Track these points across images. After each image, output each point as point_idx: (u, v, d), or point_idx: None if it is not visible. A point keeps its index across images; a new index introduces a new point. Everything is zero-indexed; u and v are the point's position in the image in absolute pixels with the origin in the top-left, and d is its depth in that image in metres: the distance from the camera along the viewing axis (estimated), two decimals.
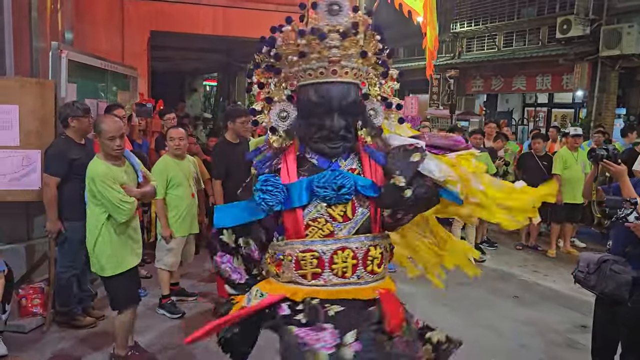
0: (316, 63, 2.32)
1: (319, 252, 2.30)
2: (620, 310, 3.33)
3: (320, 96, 2.32)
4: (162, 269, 4.66)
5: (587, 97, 12.61)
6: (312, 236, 2.33)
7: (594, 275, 3.35)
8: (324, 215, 2.33)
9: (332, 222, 2.33)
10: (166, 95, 9.84)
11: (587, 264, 3.41)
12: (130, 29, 8.90)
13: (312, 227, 2.33)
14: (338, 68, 2.32)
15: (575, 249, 7.50)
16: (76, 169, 4.17)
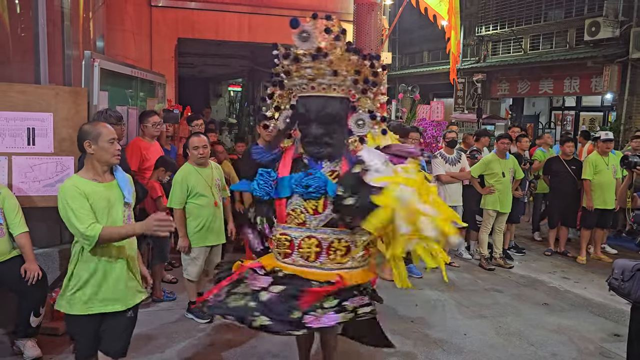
0: (298, 80, 2.93)
1: (291, 236, 2.91)
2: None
3: (303, 107, 2.91)
4: (187, 279, 4.68)
5: (617, 100, 12.36)
6: (290, 223, 2.92)
7: (629, 283, 3.30)
8: (300, 207, 2.89)
9: (305, 213, 2.88)
10: (192, 101, 9.93)
11: (622, 271, 3.36)
12: (158, 36, 9.05)
13: (291, 215, 2.91)
14: (315, 85, 2.90)
15: (605, 255, 7.35)
16: None
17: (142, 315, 4.65)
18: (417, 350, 4.22)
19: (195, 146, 4.55)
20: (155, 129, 5.32)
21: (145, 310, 4.86)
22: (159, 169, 4.98)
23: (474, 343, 4.43)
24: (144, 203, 4.92)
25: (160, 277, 5.25)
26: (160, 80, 6.83)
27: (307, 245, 2.88)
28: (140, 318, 4.57)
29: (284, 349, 4.15)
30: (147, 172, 5.08)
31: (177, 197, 4.47)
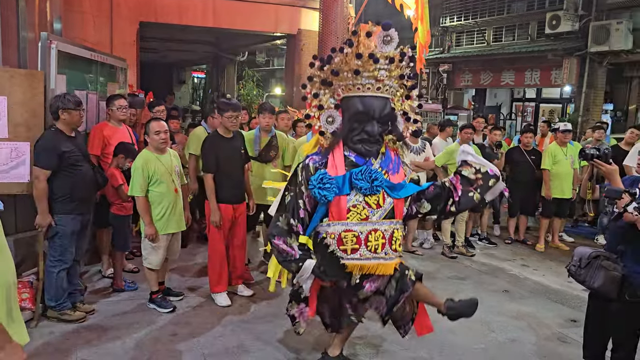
0: (365, 80, 2.97)
1: (357, 232, 3.02)
2: (611, 306, 3.36)
3: (365, 106, 3.02)
4: (148, 267, 4.59)
5: (575, 92, 12.69)
6: (352, 219, 3.02)
7: (585, 270, 3.37)
8: (362, 202, 3.04)
9: (368, 208, 3.04)
10: (155, 87, 9.74)
11: (580, 259, 3.42)
12: (119, 19, 8.80)
13: (352, 212, 3.03)
14: (381, 86, 3.05)
15: (563, 244, 7.57)
16: (66, 162, 4.12)
17: (102, 306, 4.59)
18: (382, 335, 4.26)
19: (156, 131, 4.44)
20: (122, 113, 5.19)
21: (106, 300, 4.77)
22: (119, 156, 4.86)
23: (436, 329, 4.46)
24: (104, 190, 4.81)
25: (122, 267, 5.14)
26: (121, 64, 6.63)
27: (374, 238, 3.05)
28: (101, 308, 4.53)
29: (254, 344, 4.13)
30: (110, 157, 4.96)
31: (138, 185, 4.36)
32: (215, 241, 4.77)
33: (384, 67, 3.01)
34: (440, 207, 3.30)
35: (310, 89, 3.19)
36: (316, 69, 3.15)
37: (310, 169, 3.11)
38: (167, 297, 4.75)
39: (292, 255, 3.09)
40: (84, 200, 4.31)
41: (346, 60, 3.02)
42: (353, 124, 3.07)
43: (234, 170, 4.79)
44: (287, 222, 3.10)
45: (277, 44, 15.39)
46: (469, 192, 3.25)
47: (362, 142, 3.08)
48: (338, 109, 3.13)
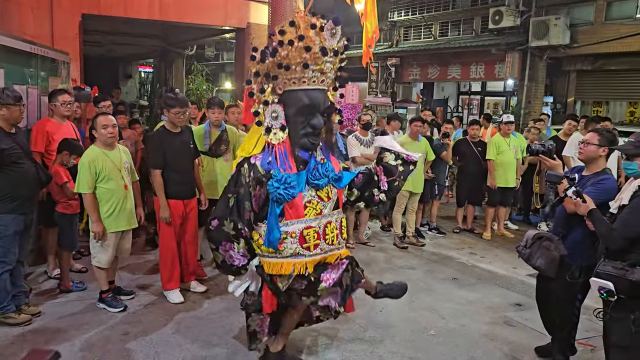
0: (312, 74, 2.97)
1: (316, 227, 3.03)
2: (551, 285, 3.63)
3: (311, 100, 2.98)
4: (97, 266, 4.47)
5: (518, 85, 13.16)
6: (309, 215, 3.02)
7: (529, 249, 3.62)
8: (315, 197, 3.06)
9: (321, 202, 3.07)
10: (100, 81, 9.44)
11: (526, 240, 3.68)
12: (60, 11, 8.48)
13: (308, 207, 3.03)
14: (325, 78, 3.03)
15: (508, 231, 7.86)
16: (7, 160, 3.96)
17: (49, 308, 4.46)
18: (337, 326, 4.32)
19: (104, 125, 4.32)
20: (65, 108, 5.03)
21: (52, 302, 4.63)
22: (63, 153, 4.70)
23: (389, 318, 4.60)
24: (49, 188, 4.65)
25: (69, 266, 4.99)
26: (63, 58, 6.42)
27: (330, 230, 3.09)
28: (47, 310, 4.40)
29: (209, 339, 4.10)
30: (54, 154, 4.80)
31: (85, 181, 4.23)
32: (166, 238, 4.70)
33: (329, 60, 3.00)
34: (368, 195, 3.41)
35: (256, 84, 3.08)
36: (257, 63, 3.03)
37: (258, 168, 3.01)
38: (117, 296, 4.64)
39: (239, 262, 3.06)
40: (27, 199, 4.15)
41: (293, 54, 2.93)
42: (299, 118, 3.02)
43: (183, 166, 4.73)
44: (233, 226, 3.00)
45: (226, 38, 15.23)
46: (394, 182, 3.40)
47: (308, 136, 3.05)
48: (279, 103, 3.04)
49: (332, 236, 3.11)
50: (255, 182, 3.00)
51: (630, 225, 2.93)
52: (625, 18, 11.02)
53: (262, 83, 3.04)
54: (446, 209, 9.13)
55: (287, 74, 2.97)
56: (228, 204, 3.04)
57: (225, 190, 3.10)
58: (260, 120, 3.09)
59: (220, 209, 3.06)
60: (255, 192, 3.01)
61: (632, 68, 11.22)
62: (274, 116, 3.04)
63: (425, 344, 4.16)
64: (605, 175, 3.53)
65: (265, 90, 3.03)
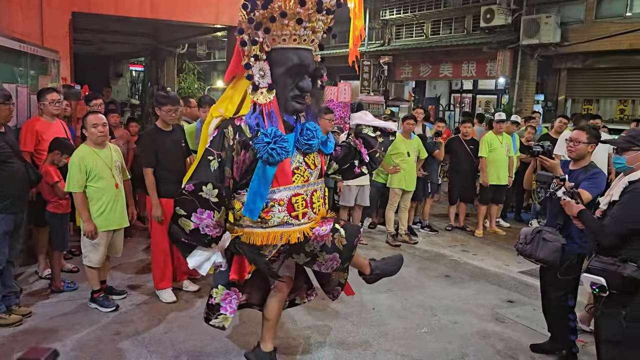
0: (303, 32, 2.75)
1: (304, 194, 2.86)
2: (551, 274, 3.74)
3: (301, 60, 2.78)
4: (88, 266, 4.44)
5: (509, 83, 13.20)
6: (297, 182, 2.85)
7: (530, 245, 3.69)
8: (303, 164, 2.88)
9: (308, 169, 2.90)
10: (90, 80, 9.39)
11: (525, 236, 3.75)
12: (49, 9, 8.41)
13: (296, 174, 2.85)
14: (315, 38, 2.83)
15: (500, 229, 7.89)
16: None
17: (40, 308, 4.43)
18: (330, 324, 4.32)
19: (94, 124, 4.29)
20: (54, 107, 4.98)
21: (44, 302, 4.59)
22: (54, 152, 4.67)
23: (382, 316, 4.61)
24: (39, 188, 4.62)
25: (60, 266, 4.95)
26: (53, 56, 6.37)
27: (315, 199, 2.96)
28: (38, 311, 4.36)
29: (202, 339, 4.09)
30: (44, 154, 4.76)
31: (75, 180, 4.20)
32: (158, 237, 4.68)
33: (322, 18, 2.81)
34: (347, 167, 3.30)
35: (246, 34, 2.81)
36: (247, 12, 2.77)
37: (244, 130, 2.79)
38: (109, 296, 4.62)
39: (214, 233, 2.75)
40: (17, 199, 4.12)
41: (287, 7, 2.70)
42: (287, 78, 2.82)
43: (175, 164, 4.70)
44: (217, 193, 2.69)
45: (217, 36, 15.17)
46: (375, 154, 3.29)
47: (295, 99, 2.85)
48: (266, 61, 2.80)
49: (319, 205, 2.98)
50: (241, 146, 2.77)
51: (621, 221, 2.95)
52: (615, 16, 11.08)
53: (253, 35, 2.80)
54: (438, 206, 9.15)
55: (279, 28, 2.75)
56: (209, 167, 2.75)
57: (206, 153, 2.80)
58: (250, 74, 2.81)
59: (200, 173, 2.75)
60: (239, 158, 2.78)
61: (622, 66, 11.29)
62: (261, 74, 2.80)
63: (418, 341, 4.17)
64: (595, 169, 3.71)
65: (257, 42, 2.79)
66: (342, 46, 18.57)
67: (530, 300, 5.03)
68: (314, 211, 2.93)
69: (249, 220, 2.83)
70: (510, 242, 4.45)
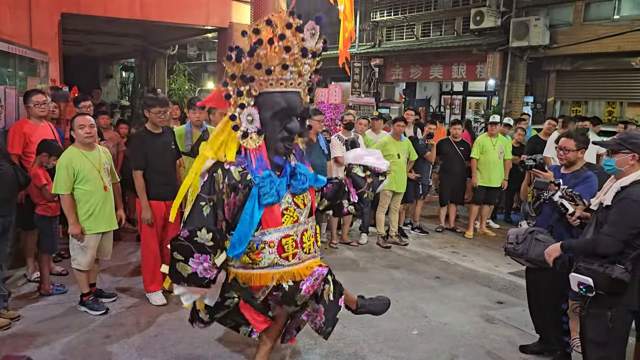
0: (289, 75, 2.83)
1: (294, 235, 2.90)
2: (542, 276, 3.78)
3: (288, 103, 2.85)
4: (77, 269, 4.41)
5: (499, 85, 13.29)
6: (287, 223, 2.88)
7: (522, 244, 3.72)
8: (292, 204, 2.91)
9: (297, 209, 2.94)
10: (80, 81, 9.30)
11: (516, 236, 3.78)
12: (38, 9, 8.36)
13: (285, 215, 2.89)
14: (302, 80, 2.91)
15: (490, 230, 7.94)
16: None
17: (29, 311, 4.39)
18: None
19: (81, 124, 4.27)
20: (40, 109, 4.95)
21: (32, 306, 4.56)
22: (42, 154, 4.64)
23: (373, 317, 4.57)
24: (28, 190, 4.58)
25: (49, 269, 4.91)
26: (42, 58, 6.33)
27: (306, 238, 2.97)
28: (27, 314, 4.33)
29: (193, 341, 4.08)
30: (32, 156, 4.73)
31: (63, 182, 4.18)
32: (148, 239, 4.66)
33: (308, 62, 2.88)
34: (336, 205, 3.35)
35: (232, 87, 2.89)
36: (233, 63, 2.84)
37: (233, 174, 2.83)
38: (98, 299, 4.59)
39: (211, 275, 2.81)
40: (5, 201, 4.09)
41: (272, 54, 2.77)
42: (275, 121, 2.87)
43: (165, 166, 4.69)
44: (212, 237, 2.76)
45: (208, 38, 15.14)
46: (363, 195, 3.35)
47: (284, 141, 2.91)
48: (254, 106, 2.87)
49: (309, 244, 3.00)
50: (230, 189, 2.82)
51: (621, 227, 2.93)
52: (603, 19, 11.20)
53: (238, 85, 2.87)
54: (429, 208, 9.18)
55: (265, 75, 2.80)
56: (202, 212, 2.80)
57: (198, 199, 2.84)
58: (237, 125, 2.88)
59: (194, 219, 2.80)
60: (229, 200, 2.83)
61: (610, 68, 11.41)
62: (249, 119, 2.87)
63: (409, 343, 4.18)
64: (587, 172, 3.78)
65: (243, 93, 2.87)
66: (332, 47, 18.64)
67: (520, 301, 5.06)
68: (304, 251, 2.96)
69: (240, 262, 2.90)
70: (500, 244, 4.48)
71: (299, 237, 2.93)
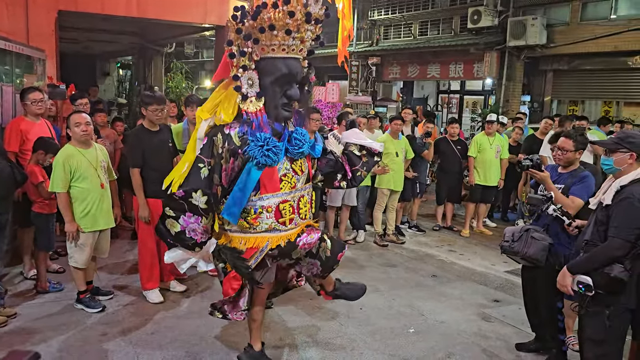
0: (292, 41, 2.80)
1: (291, 201, 2.91)
2: (538, 274, 3.80)
3: (289, 69, 2.83)
4: (74, 267, 4.40)
5: (496, 84, 13.31)
6: (284, 189, 2.89)
7: (518, 242, 3.74)
8: (290, 170, 2.92)
9: (295, 175, 2.94)
10: (77, 79, 9.30)
11: (512, 234, 3.81)
12: (35, 7, 8.34)
13: (283, 181, 2.89)
14: (303, 47, 2.88)
15: (486, 229, 7.95)
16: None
17: (25, 309, 4.39)
18: (317, 324, 4.33)
19: (77, 122, 4.25)
20: (37, 107, 4.94)
21: (29, 303, 4.55)
22: (38, 152, 4.63)
23: (370, 316, 4.63)
24: (25, 188, 4.58)
25: (45, 267, 4.91)
26: (39, 55, 6.32)
27: (302, 204, 3.01)
28: (23, 312, 4.33)
29: (190, 339, 4.08)
30: (29, 154, 4.72)
31: (59, 180, 4.17)
32: (145, 237, 4.66)
33: (311, 28, 2.85)
34: (329, 179, 3.37)
35: (236, 46, 2.84)
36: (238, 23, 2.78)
37: (233, 139, 2.83)
38: (95, 297, 4.59)
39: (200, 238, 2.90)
40: (1, 199, 4.08)
41: (276, 18, 2.72)
42: (275, 87, 2.85)
43: (162, 164, 4.67)
44: (206, 200, 2.81)
45: (206, 36, 15.11)
46: (357, 172, 3.37)
47: (284, 107, 2.91)
48: (255, 70, 2.84)
49: (305, 210, 3.04)
50: (230, 154, 2.82)
51: (626, 228, 2.91)
52: (600, 19, 11.21)
53: (242, 46, 2.83)
54: (425, 206, 9.20)
55: (268, 39, 2.78)
56: (199, 174, 2.82)
57: (197, 160, 2.86)
58: (238, 85, 2.85)
59: (191, 180, 2.83)
60: (227, 165, 2.83)
61: (607, 68, 11.43)
62: (249, 83, 2.84)
63: (405, 341, 4.19)
64: (584, 173, 3.79)
65: (246, 54, 2.83)
66: (330, 46, 18.62)
67: (516, 299, 5.07)
68: (301, 217, 2.99)
69: (237, 226, 2.91)
70: (497, 242, 4.49)
71: (296, 203, 2.96)
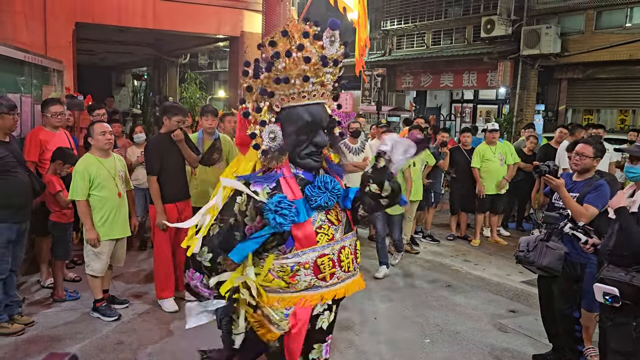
0: (312, 87, 2.61)
1: (330, 254, 2.66)
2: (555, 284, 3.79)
3: (312, 116, 2.62)
4: (90, 275, 4.45)
5: (510, 93, 13.27)
6: (321, 242, 2.64)
7: (533, 252, 3.71)
8: (326, 222, 2.68)
9: (332, 226, 2.69)
10: (93, 90, 9.43)
11: (527, 244, 3.78)
12: (53, 19, 8.49)
13: (319, 234, 2.65)
14: (325, 91, 2.68)
15: (501, 238, 7.89)
16: (1, 168, 3.95)
17: (42, 317, 4.44)
18: None
19: (102, 131, 4.36)
20: (57, 119, 5.02)
21: (46, 312, 4.60)
22: (57, 162, 4.70)
23: (384, 326, 4.61)
24: (43, 197, 4.64)
25: (62, 276, 4.96)
26: (57, 66, 6.42)
27: (344, 256, 2.75)
28: (40, 320, 4.37)
29: (204, 348, 4.08)
30: (48, 163, 4.81)
31: (79, 188, 4.23)
32: (161, 245, 4.70)
33: (330, 70, 2.66)
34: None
35: (250, 103, 2.68)
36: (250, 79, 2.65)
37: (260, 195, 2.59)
38: (111, 305, 4.62)
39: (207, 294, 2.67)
40: (20, 208, 4.13)
41: (291, 66, 2.58)
42: (300, 136, 2.65)
43: (179, 172, 4.76)
44: (211, 258, 2.61)
45: (219, 47, 15.26)
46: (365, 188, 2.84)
47: (311, 156, 2.69)
48: (277, 122, 2.65)
49: (348, 262, 2.75)
50: (256, 212, 2.60)
51: None
52: (614, 27, 11.16)
53: (258, 101, 2.66)
54: (440, 216, 9.15)
55: (285, 88, 2.60)
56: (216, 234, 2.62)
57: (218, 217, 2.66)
58: (257, 143, 2.65)
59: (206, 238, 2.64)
60: (254, 224, 2.62)
61: (622, 76, 11.35)
62: (271, 137, 2.64)
63: (420, 351, 4.16)
64: (600, 181, 3.74)
65: (262, 109, 2.64)
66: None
67: (532, 310, 5.02)
68: (343, 269, 2.73)
69: (277, 284, 2.68)
70: (512, 252, 4.46)
71: (336, 256, 2.71)
